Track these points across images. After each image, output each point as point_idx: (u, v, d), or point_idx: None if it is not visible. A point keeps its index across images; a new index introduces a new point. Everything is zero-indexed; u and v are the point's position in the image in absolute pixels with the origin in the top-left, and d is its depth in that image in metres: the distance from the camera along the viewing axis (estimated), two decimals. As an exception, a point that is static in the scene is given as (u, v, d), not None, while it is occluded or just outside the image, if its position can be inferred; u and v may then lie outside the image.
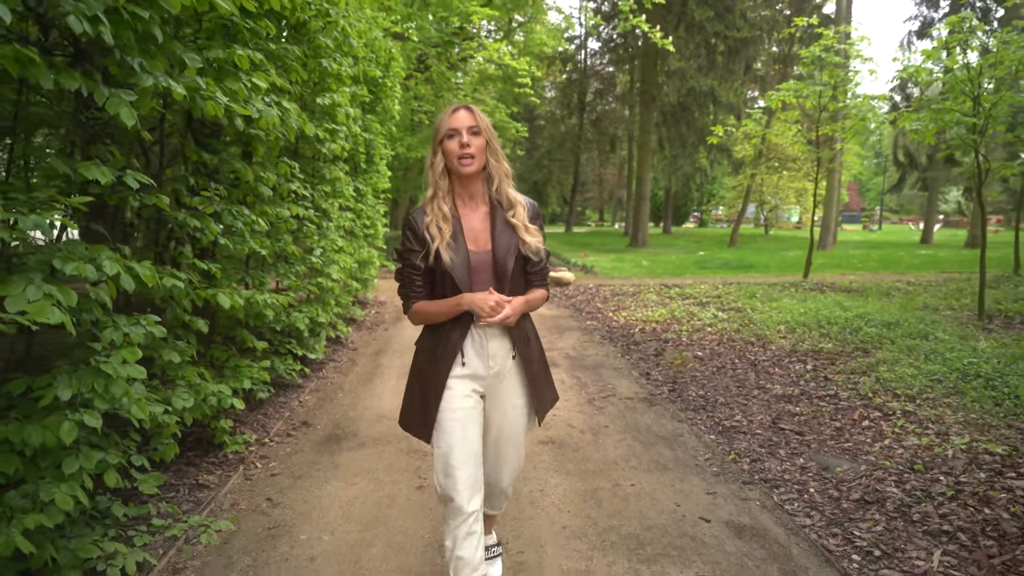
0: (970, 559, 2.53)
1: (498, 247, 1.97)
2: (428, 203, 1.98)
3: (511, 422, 2.10)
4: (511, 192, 2.02)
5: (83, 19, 1.71)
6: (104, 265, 1.89)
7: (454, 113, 1.93)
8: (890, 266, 15.49)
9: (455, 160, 1.92)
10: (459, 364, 1.98)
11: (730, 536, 2.83)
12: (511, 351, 2.04)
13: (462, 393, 1.99)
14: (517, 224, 1.98)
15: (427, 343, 2.06)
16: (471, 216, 2.01)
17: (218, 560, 2.62)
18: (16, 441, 1.75)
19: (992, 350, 5.47)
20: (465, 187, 2.00)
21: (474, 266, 1.96)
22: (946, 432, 3.77)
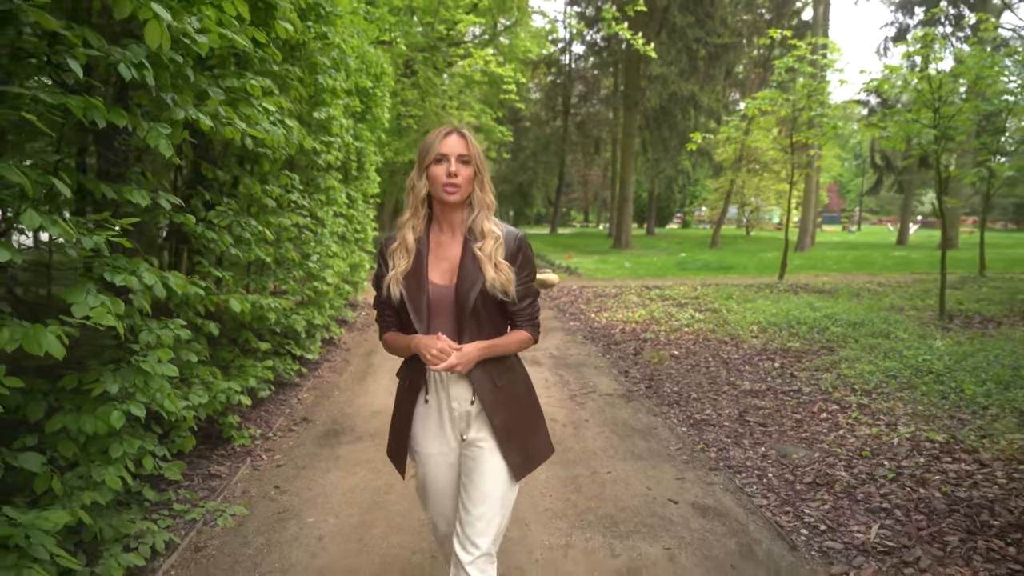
0: (902, 531, 2.88)
1: (461, 282, 1.77)
2: (399, 229, 1.84)
3: (484, 469, 1.83)
4: (486, 224, 1.82)
5: (131, 66, 2.00)
6: (144, 276, 2.18)
7: (445, 137, 1.77)
8: (864, 267, 15.98)
9: (439, 187, 1.76)
10: (422, 400, 1.86)
11: (695, 515, 3.16)
12: (471, 395, 1.83)
13: (434, 433, 1.87)
14: (481, 257, 1.77)
15: (403, 372, 1.95)
16: (446, 246, 1.83)
17: (235, 540, 2.91)
18: (73, 429, 2.03)
19: (946, 348, 5.86)
20: (446, 215, 1.83)
21: (434, 302, 1.78)
22: (895, 423, 4.13)
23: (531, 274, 1.89)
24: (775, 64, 10.50)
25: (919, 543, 2.76)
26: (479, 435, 1.84)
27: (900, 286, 11.38)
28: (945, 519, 2.92)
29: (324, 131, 5.26)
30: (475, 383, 1.81)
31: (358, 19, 6.17)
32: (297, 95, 4.37)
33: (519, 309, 1.86)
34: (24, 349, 1.57)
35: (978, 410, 4.22)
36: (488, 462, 1.83)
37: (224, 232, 3.20)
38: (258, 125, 3.18)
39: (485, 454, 1.83)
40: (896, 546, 2.77)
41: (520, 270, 1.83)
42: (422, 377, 1.85)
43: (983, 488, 3.16)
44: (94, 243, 1.88)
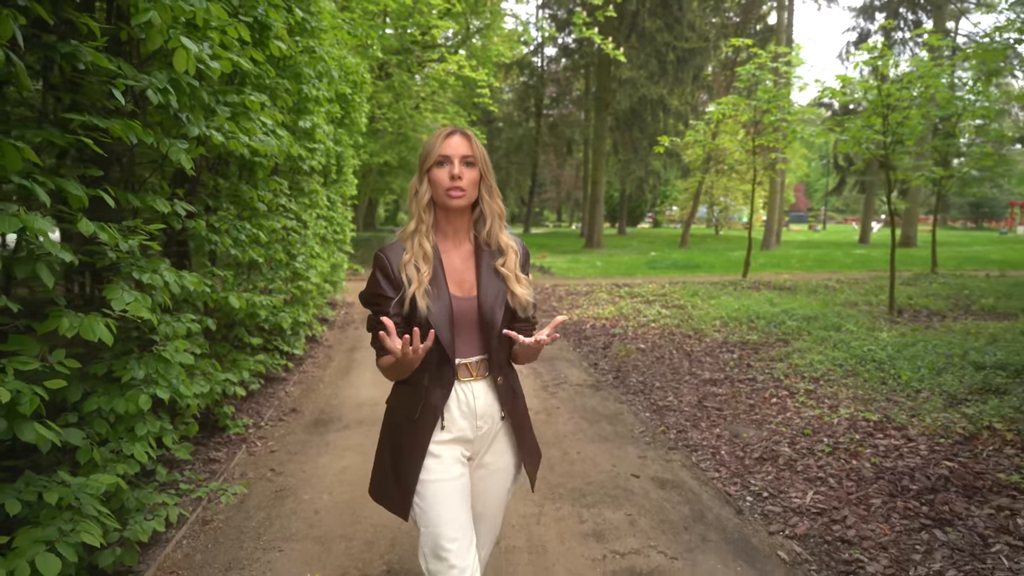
0: (834, 496, 3.28)
1: (484, 294, 1.69)
2: (408, 238, 1.69)
3: (495, 490, 1.82)
4: (503, 236, 1.74)
5: (157, 91, 2.29)
6: (165, 275, 2.47)
7: (447, 138, 1.67)
8: (825, 265, 16.61)
9: (442, 191, 1.65)
10: (439, 426, 1.69)
11: (654, 487, 3.53)
12: (500, 410, 1.75)
13: (449, 460, 1.70)
14: (507, 274, 1.71)
15: (401, 401, 1.75)
16: (452, 254, 1.73)
17: (238, 514, 3.20)
18: (106, 409, 2.32)
19: (891, 339, 6.33)
20: (450, 221, 1.72)
21: (456, 315, 1.67)
22: (837, 405, 4.55)
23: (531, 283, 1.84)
24: (738, 71, 10.97)
25: (847, 505, 3.16)
26: (497, 456, 1.80)
27: (857, 283, 11.95)
28: (871, 485, 3.33)
29: (308, 138, 5.53)
30: (502, 395, 1.74)
31: (341, 33, 6.45)
32: (284, 104, 4.65)
33: (528, 319, 1.79)
34: (81, 336, 1.86)
35: (911, 393, 4.67)
36: (502, 481, 1.82)
37: (225, 235, 3.49)
38: (256, 137, 3.47)
39: (498, 473, 1.80)
40: (827, 508, 3.17)
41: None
42: (441, 402, 1.68)
43: (907, 459, 3.58)
44: (129, 246, 2.17)
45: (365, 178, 22.68)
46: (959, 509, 3.01)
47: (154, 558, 2.73)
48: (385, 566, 2.75)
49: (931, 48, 9.97)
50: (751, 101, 10.81)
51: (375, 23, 13.25)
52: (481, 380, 1.73)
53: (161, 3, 2.20)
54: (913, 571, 2.61)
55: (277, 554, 2.85)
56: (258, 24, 3.59)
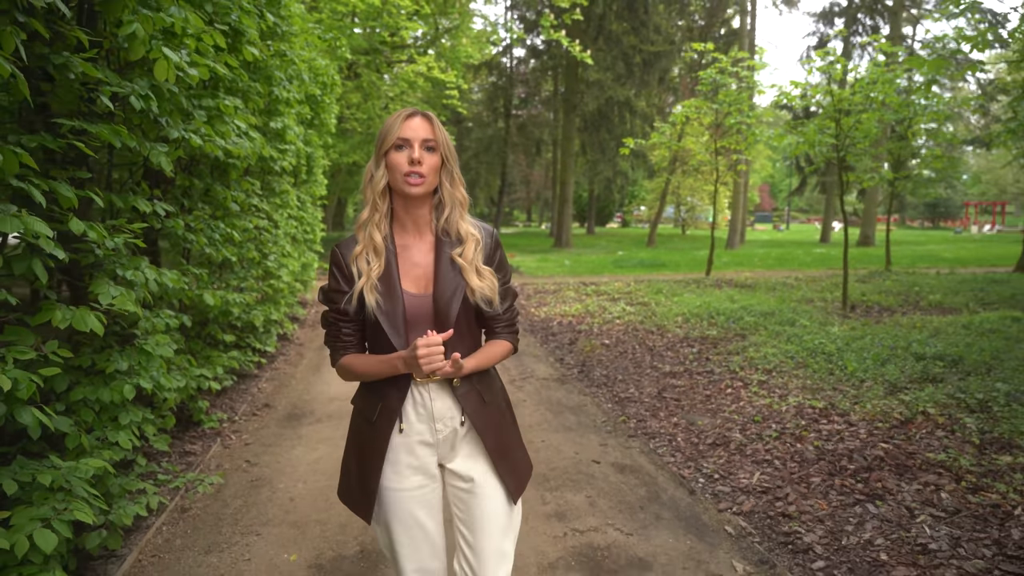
0: (778, 476, 3.52)
1: (440, 290, 1.57)
2: (360, 229, 1.60)
3: (478, 503, 1.63)
4: (462, 224, 1.62)
5: (139, 97, 2.43)
6: (146, 272, 2.60)
7: (407, 120, 1.55)
8: (786, 263, 17.10)
9: (400, 177, 1.53)
10: (397, 428, 1.60)
11: (614, 472, 3.74)
12: (460, 416, 1.62)
13: (408, 466, 1.61)
14: (463, 265, 1.58)
15: (362, 402, 1.67)
16: (412, 248, 1.62)
17: (215, 502, 3.33)
18: (92, 399, 2.45)
19: (841, 333, 6.66)
20: (408, 211, 1.61)
21: (410, 313, 1.57)
22: (786, 394, 4.82)
23: (508, 273, 1.70)
24: (700, 75, 11.29)
25: (790, 484, 3.41)
26: (468, 463, 1.64)
27: (814, 280, 12.37)
28: (813, 465, 3.59)
29: (280, 139, 5.64)
30: (462, 400, 1.60)
31: (312, 37, 6.56)
32: (255, 107, 4.76)
33: (497, 315, 1.67)
34: (74, 327, 2.00)
35: (856, 382, 4.96)
36: (488, 492, 1.63)
37: (200, 234, 3.60)
38: (230, 139, 3.60)
39: (481, 482, 1.63)
40: (772, 487, 3.41)
41: (497, 270, 1.65)
42: (398, 403, 1.59)
43: (847, 441, 3.85)
44: (115, 243, 2.30)
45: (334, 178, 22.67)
46: (891, 485, 3.27)
47: (136, 543, 2.85)
48: (359, 546, 2.91)
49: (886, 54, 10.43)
50: (713, 104, 11.14)
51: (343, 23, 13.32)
52: (438, 379, 1.59)
53: (144, 15, 2.34)
54: (845, 540, 2.85)
55: (255, 538, 2.99)
56: (232, 30, 3.71)
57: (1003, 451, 3.53)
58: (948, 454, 3.51)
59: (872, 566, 2.66)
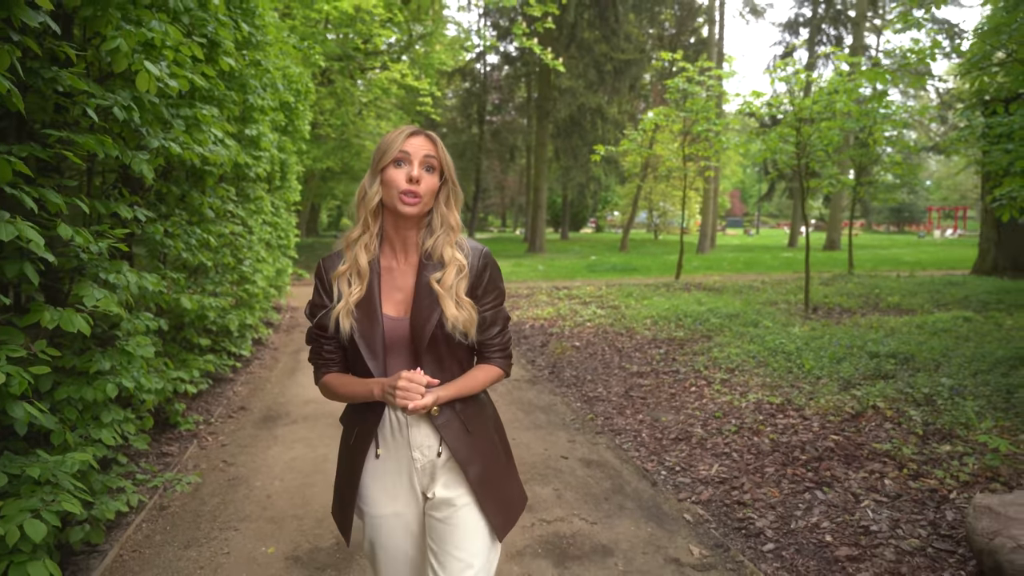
0: (735, 467, 3.72)
1: (416, 315, 1.52)
2: (348, 247, 1.55)
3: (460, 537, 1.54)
4: (447, 249, 1.55)
5: (122, 108, 2.54)
6: (127, 276, 2.71)
7: (410, 137, 1.51)
8: (754, 267, 17.48)
9: (395, 195, 1.48)
10: (373, 454, 1.56)
11: (581, 466, 3.90)
12: (436, 445, 1.55)
13: (386, 491, 1.57)
14: (440, 292, 1.51)
15: (346, 422, 1.66)
16: (398, 272, 1.57)
17: (193, 500, 3.43)
18: (76, 397, 2.54)
19: (801, 333, 6.91)
20: (399, 232, 1.55)
21: (389, 338, 1.52)
22: (746, 392, 5.04)
23: (499, 296, 1.62)
24: (667, 83, 11.57)
25: (745, 474, 3.60)
26: (450, 492, 1.56)
27: (780, 283, 12.71)
28: (768, 457, 3.79)
29: (254, 146, 5.73)
30: (441, 429, 1.53)
31: (286, 46, 6.65)
32: (230, 114, 4.86)
33: (487, 339, 1.60)
34: (62, 327, 2.10)
35: (812, 380, 5.19)
36: (465, 523, 1.54)
37: (178, 239, 3.70)
38: (207, 147, 3.71)
39: (460, 513, 1.55)
40: (729, 477, 3.60)
41: (486, 293, 1.58)
42: (373, 427, 1.55)
43: (801, 434, 4.06)
44: (99, 248, 2.41)
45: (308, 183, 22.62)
46: (839, 474, 3.48)
47: (116, 539, 2.94)
48: (334, 539, 3.03)
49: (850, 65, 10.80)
50: (681, 112, 11.42)
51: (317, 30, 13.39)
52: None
53: (126, 30, 2.45)
54: (794, 524, 3.05)
55: (233, 532, 3.10)
56: (208, 42, 3.82)
57: (943, 441, 3.76)
58: (893, 444, 3.73)
59: (817, 547, 2.85)
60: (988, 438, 3.62)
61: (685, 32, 29.90)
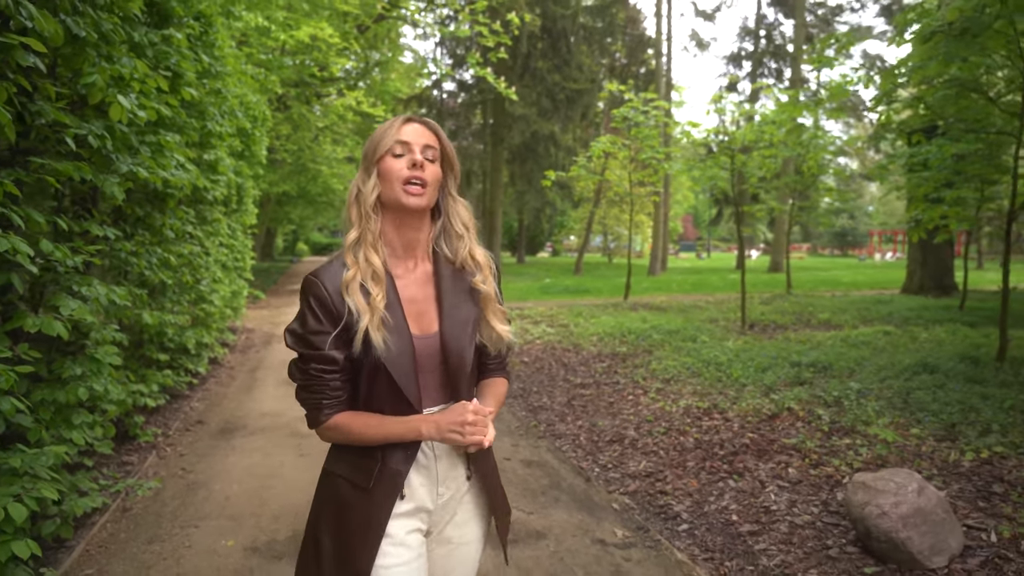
0: (661, 463, 4.09)
1: (449, 328, 1.34)
2: (348, 251, 1.32)
3: (462, 564, 1.46)
4: (477, 249, 1.41)
5: (96, 137, 2.81)
6: (98, 289, 2.95)
7: (405, 124, 1.34)
8: (701, 288, 18.16)
9: (398, 185, 1.29)
10: (399, 499, 1.34)
11: (522, 466, 4.22)
12: (466, 471, 1.41)
13: (407, 540, 1.35)
14: (487, 295, 1.37)
15: (347, 466, 1.37)
16: (406, 278, 1.37)
17: (155, 503, 3.63)
18: (50, 400, 2.77)
19: (735, 347, 7.39)
20: (401, 232, 1.36)
21: (418, 360, 1.32)
22: (679, 399, 5.44)
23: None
24: (613, 113, 12.14)
25: (669, 468, 3.98)
26: (461, 529, 1.44)
27: (723, 303, 13.31)
28: (690, 453, 4.17)
29: (212, 170, 5.97)
30: (469, 453, 1.37)
31: (245, 76, 6.93)
32: (190, 140, 5.11)
33: (499, 352, 1.45)
34: (44, 331, 2.35)
35: (739, 387, 5.63)
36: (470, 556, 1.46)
37: (141, 258, 3.93)
38: (170, 171, 3.97)
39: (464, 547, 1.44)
40: (654, 471, 3.97)
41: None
42: (402, 467, 1.33)
43: (722, 433, 4.46)
44: (75, 262, 2.66)
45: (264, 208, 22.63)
46: (750, 465, 3.88)
47: (83, 536, 3.13)
48: (291, 532, 3.27)
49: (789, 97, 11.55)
50: (625, 140, 12.00)
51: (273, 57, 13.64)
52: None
53: (101, 67, 2.74)
54: (707, 507, 3.42)
55: (193, 529, 3.31)
56: (172, 73, 4.10)
57: (844, 435, 4.20)
58: (799, 439, 4.16)
59: (725, 525, 3.22)
60: (881, 431, 4.08)
61: (635, 62, 30.98)
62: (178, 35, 4.04)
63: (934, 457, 3.75)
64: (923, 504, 2.71)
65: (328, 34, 12.28)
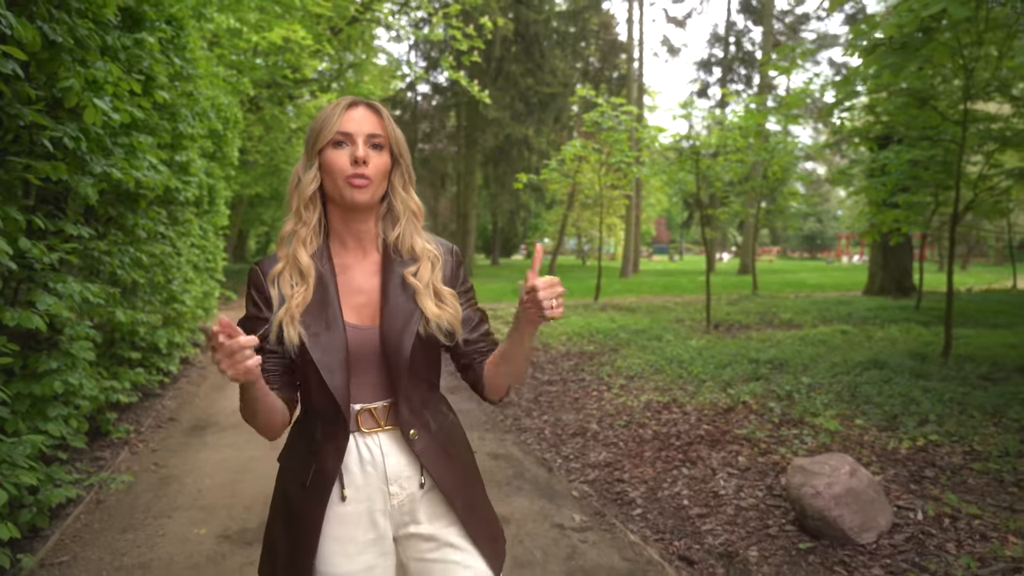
0: (621, 453, 4.28)
1: (388, 320, 1.30)
2: (281, 245, 1.32)
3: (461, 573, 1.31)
4: (417, 240, 1.37)
5: (71, 139, 2.91)
6: (73, 286, 3.05)
7: (348, 110, 1.28)
8: (671, 290, 18.49)
9: (340, 181, 1.26)
10: (338, 496, 1.29)
11: (488, 459, 4.38)
12: (419, 475, 1.33)
13: (355, 541, 1.30)
14: (418, 288, 1.32)
15: (292, 460, 1.35)
16: (354, 269, 1.35)
17: (128, 496, 3.72)
18: (26, 392, 2.86)
19: (698, 345, 7.63)
20: (349, 224, 1.34)
21: (354, 350, 1.29)
22: (641, 394, 5.64)
23: (474, 295, 1.46)
24: (584, 117, 12.37)
25: (627, 458, 4.17)
26: (434, 526, 1.34)
27: (691, 304, 13.61)
28: (648, 444, 4.37)
29: (184, 171, 6.04)
30: (421, 455, 1.31)
31: (217, 79, 7.00)
32: (162, 141, 5.19)
33: (479, 337, 1.41)
34: (22, 325, 2.46)
35: (698, 382, 5.85)
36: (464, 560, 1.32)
37: (114, 258, 4.02)
38: (143, 172, 4.06)
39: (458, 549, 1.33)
40: (613, 461, 4.15)
41: (466, 291, 1.42)
42: (337, 462, 1.28)
43: (679, 426, 4.66)
44: (51, 259, 2.76)
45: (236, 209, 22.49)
46: (704, 455, 4.08)
47: (58, 526, 3.22)
48: (260, 521, 3.39)
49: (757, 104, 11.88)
50: (596, 144, 12.24)
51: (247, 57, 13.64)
52: (390, 430, 1.32)
53: (77, 71, 2.84)
54: (660, 493, 3.61)
55: (167, 520, 3.42)
56: (144, 76, 4.19)
57: (793, 426, 4.43)
58: (751, 429, 4.38)
59: (676, 509, 3.41)
60: (827, 422, 4.31)
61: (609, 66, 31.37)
62: (150, 39, 4.13)
63: (874, 445, 3.99)
64: (854, 485, 2.92)
65: (301, 36, 12.32)
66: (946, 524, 2.96)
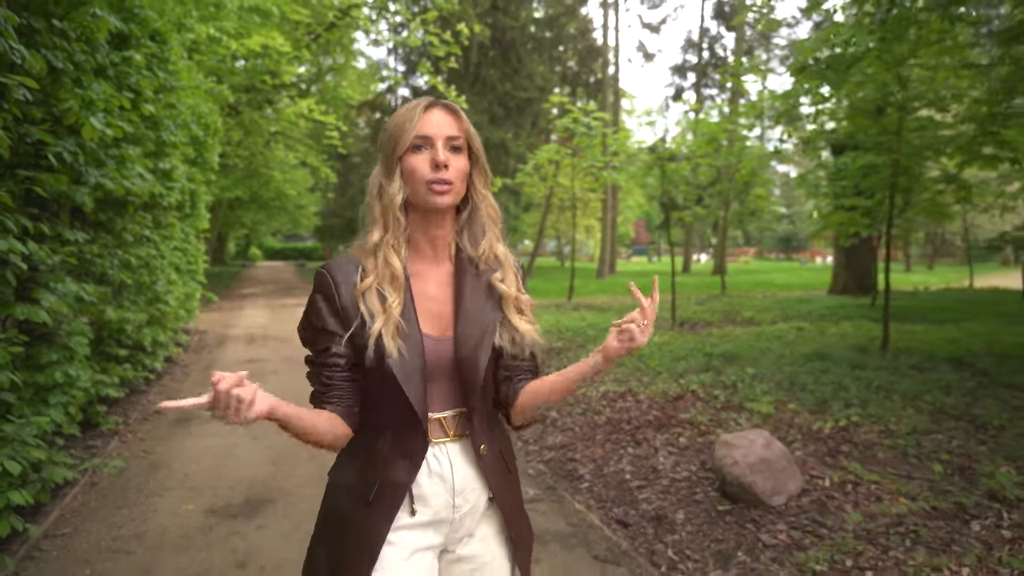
0: (575, 437, 4.67)
1: (464, 331, 1.26)
2: (370, 253, 1.26)
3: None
4: (499, 246, 1.34)
5: (70, 153, 3.25)
6: (70, 286, 3.39)
7: (426, 112, 1.24)
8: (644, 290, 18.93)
9: (422, 187, 1.22)
10: (406, 510, 1.25)
11: (454, 444, 4.75)
12: (486, 489, 1.31)
13: (412, 549, 1.26)
14: (506, 295, 1.29)
15: (348, 475, 1.29)
16: (427, 277, 1.31)
17: (120, 479, 4.05)
18: (30, 381, 3.19)
19: (660, 341, 8.06)
20: (426, 230, 1.29)
21: (430, 364, 1.24)
22: (599, 385, 6.04)
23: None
24: (556, 123, 12.79)
25: (580, 441, 4.57)
26: (482, 545, 1.33)
27: (661, 303, 14.05)
28: (600, 428, 4.77)
29: (167, 178, 6.35)
30: (487, 471, 1.30)
31: (199, 91, 7.31)
32: (146, 150, 5.51)
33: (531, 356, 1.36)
34: (31, 319, 2.79)
35: (654, 374, 6.27)
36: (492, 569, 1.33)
37: (105, 260, 4.35)
38: (132, 181, 4.39)
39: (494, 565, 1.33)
40: (568, 444, 4.55)
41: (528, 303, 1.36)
42: (406, 478, 1.25)
43: (631, 412, 5.07)
44: (54, 261, 3.10)
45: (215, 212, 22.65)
46: (649, 437, 4.49)
47: (58, 504, 3.55)
48: (244, 498, 3.74)
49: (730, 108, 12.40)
50: (567, 149, 12.66)
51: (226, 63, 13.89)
52: (458, 441, 1.30)
53: (76, 94, 3.18)
54: (607, 470, 4.01)
55: (157, 499, 3.76)
56: (132, 91, 4.52)
57: (733, 411, 4.85)
58: (694, 414, 4.79)
59: (619, 482, 3.82)
60: (763, 407, 4.74)
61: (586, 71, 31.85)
62: (137, 56, 4.46)
63: (802, 426, 4.42)
64: (768, 455, 3.34)
65: (279, 43, 12.62)
66: (848, 489, 3.39)
